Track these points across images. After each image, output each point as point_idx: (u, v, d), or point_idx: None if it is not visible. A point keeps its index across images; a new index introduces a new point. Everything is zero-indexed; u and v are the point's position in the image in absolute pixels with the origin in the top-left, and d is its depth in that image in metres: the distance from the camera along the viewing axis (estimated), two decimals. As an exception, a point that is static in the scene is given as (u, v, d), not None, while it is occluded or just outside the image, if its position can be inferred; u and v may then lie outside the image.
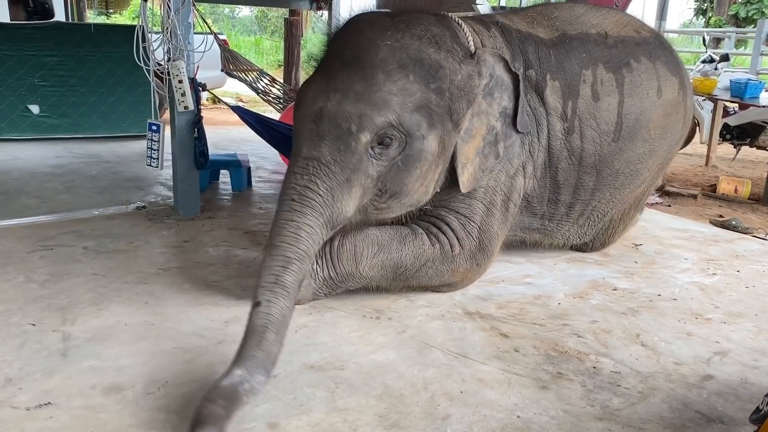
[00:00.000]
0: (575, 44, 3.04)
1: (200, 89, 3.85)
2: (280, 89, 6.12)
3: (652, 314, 2.77)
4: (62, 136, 6.18)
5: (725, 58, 7.39)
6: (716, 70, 6.93)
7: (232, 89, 10.34)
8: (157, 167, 3.95)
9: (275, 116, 5.37)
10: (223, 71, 5.82)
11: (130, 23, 12.24)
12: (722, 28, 13.97)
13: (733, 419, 2.00)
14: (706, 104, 6.50)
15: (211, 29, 5.18)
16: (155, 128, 3.87)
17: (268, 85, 5.90)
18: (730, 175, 6.12)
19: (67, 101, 6.15)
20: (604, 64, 3.06)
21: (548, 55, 2.97)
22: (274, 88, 5.97)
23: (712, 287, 3.12)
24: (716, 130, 6.20)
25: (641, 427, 1.94)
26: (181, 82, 3.62)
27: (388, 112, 2.33)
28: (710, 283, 3.18)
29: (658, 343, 2.50)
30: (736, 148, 6.52)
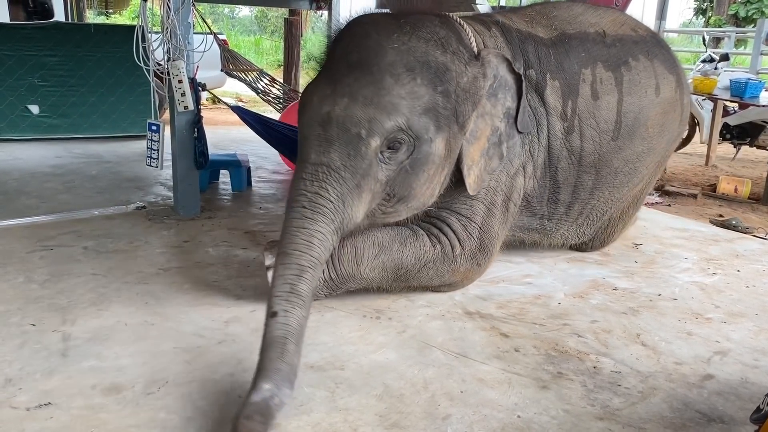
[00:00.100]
0: (574, 43, 3.04)
1: (200, 89, 3.85)
2: (279, 89, 6.13)
3: (652, 314, 2.77)
4: (62, 136, 6.18)
5: (725, 57, 7.38)
6: (716, 69, 6.92)
7: (232, 89, 10.33)
8: (156, 167, 3.95)
9: (275, 116, 5.37)
10: (222, 71, 5.83)
11: (129, 23, 12.24)
12: (722, 27, 13.98)
13: (733, 419, 2.00)
14: (706, 104, 6.49)
15: (210, 29, 5.18)
16: (155, 128, 3.87)
17: (267, 85, 5.90)
18: (730, 174, 6.12)
19: (66, 101, 6.15)
20: (603, 62, 3.06)
21: (548, 54, 2.97)
22: (273, 88, 5.98)
23: (712, 287, 3.12)
24: (716, 129, 6.20)
25: (642, 426, 1.94)
26: (180, 82, 3.62)
27: (397, 116, 2.31)
28: (710, 282, 3.18)
29: (658, 342, 2.50)
30: (736, 147, 6.52)
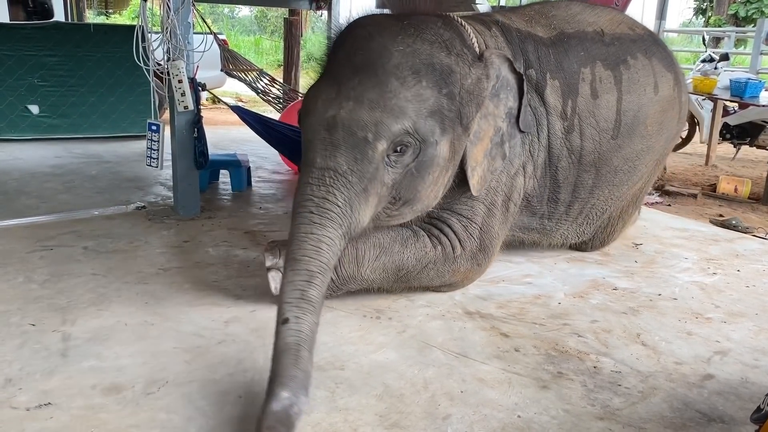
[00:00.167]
0: (573, 42, 3.04)
1: (200, 89, 3.85)
2: (279, 89, 6.13)
3: (652, 314, 2.77)
4: (62, 136, 6.17)
5: (725, 57, 7.38)
6: (716, 69, 6.92)
7: (231, 89, 10.33)
8: (156, 167, 3.95)
9: (275, 116, 5.37)
10: (222, 71, 5.83)
11: (129, 23, 12.24)
12: (722, 27, 13.98)
13: (733, 419, 2.00)
14: (706, 104, 6.49)
15: (210, 29, 5.19)
16: (155, 128, 3.87)
17: (267, 84, 5.90)
18: (730, 174, 6.12)
19: (66, 101, 6.14)
20: (601, 61, 3.06)
21: (547, 54, 2.97)
22: (273, 87, 5.98)
23: (712, 287, 3.12)
24: (716, 129, 6.20)
25: (642, 426, 1.94)
26: (180, 81, 3.61)
27: (404, 119, 2.29)
28: (710, 282, 3.18)
29: (658, 342, 2.50)
30: (735, 147, 6.52)
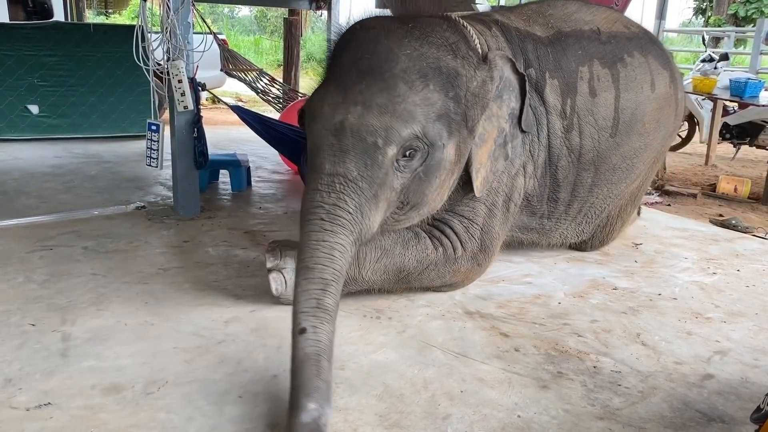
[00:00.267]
0: (571, 41, 3.05)
1: (200, 89, 3.85)
2: (279, 89, 6.14)
3: (652, 313, 2.77)
4: (62, 136, 6.17)
5: (725, 57, 7.38)
6: (716, 69, 6.92)
7: (231, 89, 10.32)
8: (156, 167, 3.95)
9: (275, 116, 5.37)
10: (222, 71, 5.84)
11: (129, 23, 12.23)
12: (721, 27, 13.97)
13: (733, 418, 2.00)
14: (705, 103, 6.49)
15: (210, 29, 5.19)
16: (155, 128, 3.87)
17: (267, 84, 5.91)
18: (729, 174, 6.12)
19: (66, 101, 6.14)
20: (599, 60, 3.07)
21: (546, 53, 2.98)
22: (273, 87, 5.98)
23: (712, 286, 3.12)
24: (716, 129, 6.20)
25: (642, 426, 1.94)
26: (180, 81, 3.61)
27: (413, 123, 2.28)
28: (710, 282, 3.18)
29: (658, 342, 2.50)
30: (735, 147, 6.52)
